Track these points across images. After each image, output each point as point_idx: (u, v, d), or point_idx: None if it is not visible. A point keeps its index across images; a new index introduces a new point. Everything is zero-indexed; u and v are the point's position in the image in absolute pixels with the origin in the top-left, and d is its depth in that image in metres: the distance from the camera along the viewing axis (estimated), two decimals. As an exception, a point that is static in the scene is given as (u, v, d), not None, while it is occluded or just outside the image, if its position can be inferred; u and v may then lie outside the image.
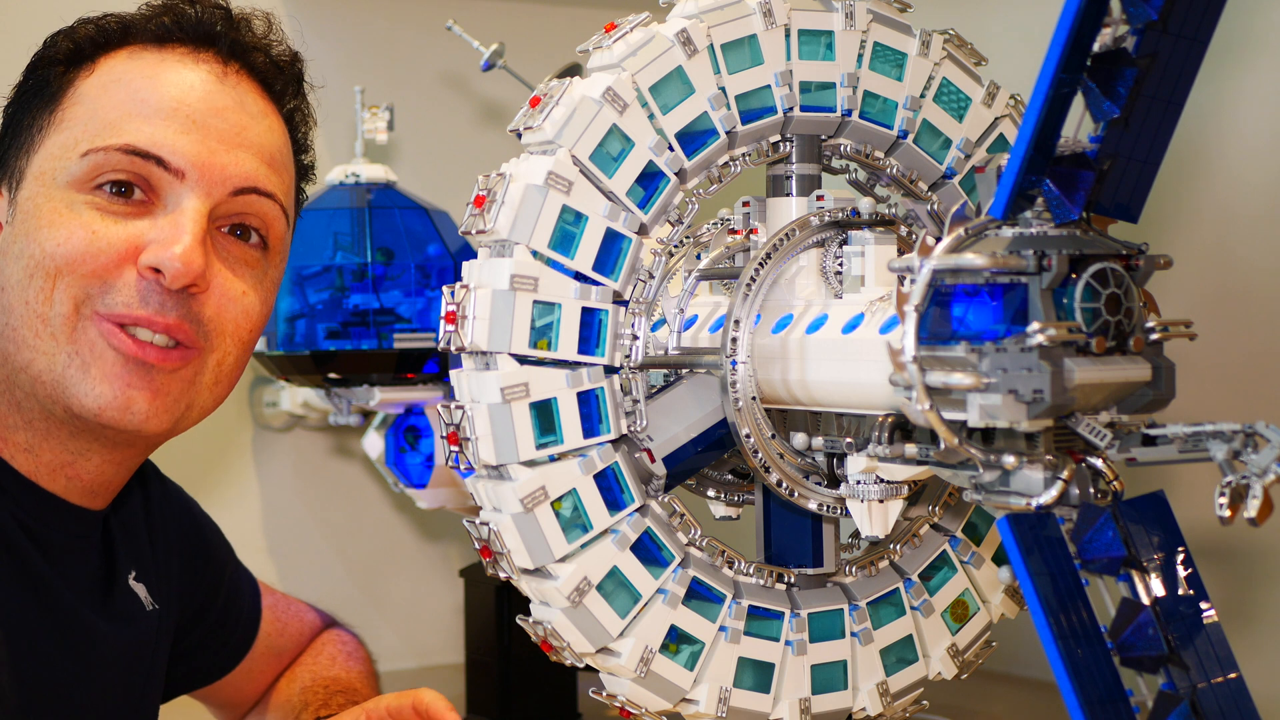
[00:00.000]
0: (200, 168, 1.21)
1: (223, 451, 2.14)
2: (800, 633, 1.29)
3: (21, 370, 1.19)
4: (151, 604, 1.34)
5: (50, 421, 1.21)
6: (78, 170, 1.19)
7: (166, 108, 1.21)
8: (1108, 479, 1.06)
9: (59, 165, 1.20)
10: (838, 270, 1.28)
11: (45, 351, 1.18)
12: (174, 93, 1.22)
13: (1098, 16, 0.97)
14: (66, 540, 1.25)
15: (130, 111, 1.21)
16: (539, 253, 1.21)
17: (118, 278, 1.19)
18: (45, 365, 1.18)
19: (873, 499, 1.22)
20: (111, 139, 1.19)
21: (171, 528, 1.42)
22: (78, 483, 1.24)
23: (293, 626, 1.60)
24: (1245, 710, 1.01)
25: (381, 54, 2.23)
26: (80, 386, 1.18)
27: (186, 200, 1.20)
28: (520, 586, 1.25)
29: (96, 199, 1.19)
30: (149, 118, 1.20)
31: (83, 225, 1.18)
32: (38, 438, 1.22)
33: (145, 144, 1.20)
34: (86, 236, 1.18)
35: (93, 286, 1.18)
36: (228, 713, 1.60)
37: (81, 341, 1.18)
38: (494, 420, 1.19)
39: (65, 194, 1.19)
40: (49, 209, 1.19)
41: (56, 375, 1.18)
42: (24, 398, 1.21)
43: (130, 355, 1.18)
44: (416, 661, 2.22)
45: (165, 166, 1.20)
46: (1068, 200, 1.02)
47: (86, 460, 1.23)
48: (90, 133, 1.20)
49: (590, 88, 1.22)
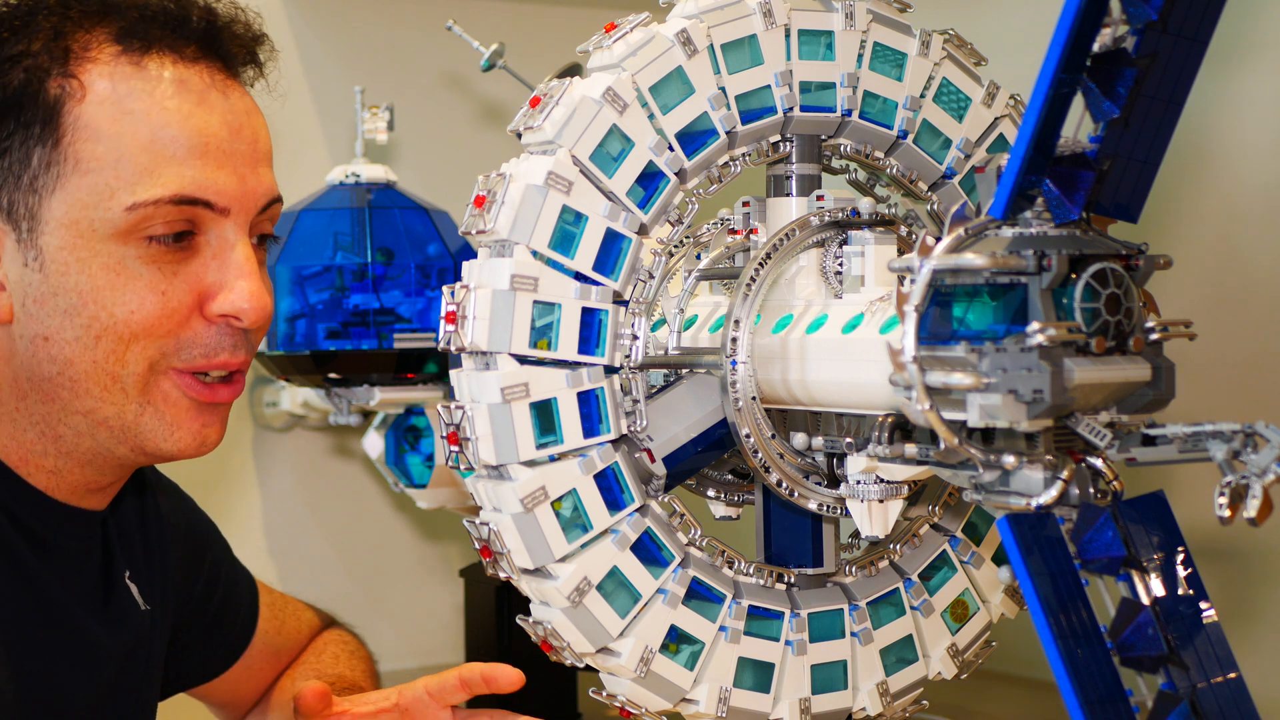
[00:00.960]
0: (239, 199, 1.20)
1: (223, 451, 2.13)
2: (800, 633, 1.29)
3: (81, 414, 1.19)
4: (145, 603, 1.34)
5: (100, 455, 1.22)
6: (122, 223, 1.16)
7: (198, 144, 1.18)
8: (1107, 479, 1.06)
9: (96, 215, 1.17)
10: (838, 270, 1.28)
11: (114, 403, 1.19)
12: (200, 125, 1.19)
13: (1098, 16, 0.97)
14: (70, 543, 1.25)
15: (164, 154, 1.17)
16: (539, 253, 1.21)
17: (188, 330, 1.19)
18: (114, 413, 1.19)
19: (873, 499, 1.22)
20: (157, 190, 1.16)
21: (167, 526, 1.42)
22: (90, 494, 1.25)
23: (291, 625, 1.60)
24: (1245, 710, 1.01)
25: (381, 54, 2.23)
26: (158, 433, 1.20)
27: (232, 234, 1.20)
28: (520, 586, 1.25)
29: (148, 250, 1.17)
30: (184, 159, 1.18)
31: (150, 288, 1.17)
32: (72, 465, 1.22)
33: (192, 190, 1.17)
34: (158, 300, 1.17)
35: (168, 345, 1.18)
36: (228, 712, 1.60)
37: (155, 394, 1.19)
38: (494, 420, 1.19)
39: (112, 248, 1.17)
40: (100, 267, 1.17)
41: (128, 423, 1.19)
42: (71, 434, 1.20)
43: (205, 401, 1.21)
44: (416, 661, 2.22)
45: (212, 207, 1.19)
46: (1068, 200, 1.02)
47: (108, 477, 1.25)
48: (125, 179, 1.16)
49: (590, 88, 1.22)
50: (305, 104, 2.18)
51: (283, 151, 1.36)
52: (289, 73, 2.17)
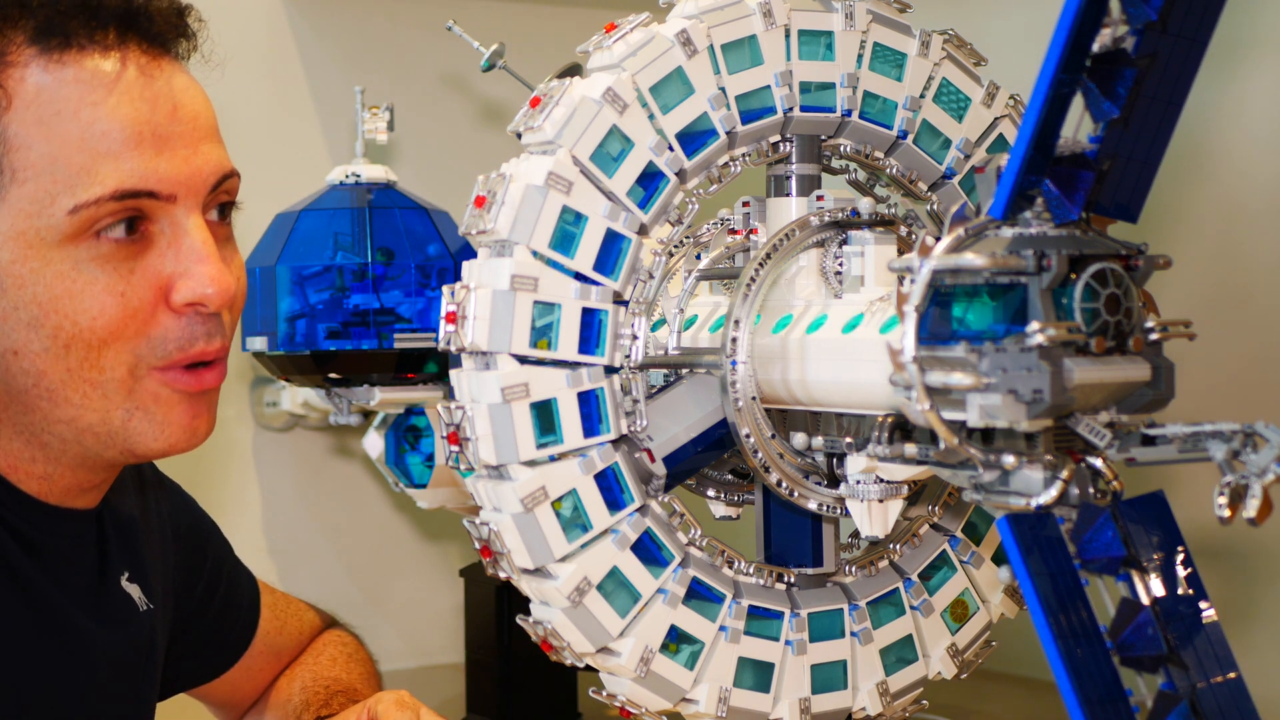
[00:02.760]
0: (184, 183, 1.17)
1: (223, 451, 2.14)
2: (800, 632, 1.29)
3: (64, 423, 1.17)
4: (145, 604, 1.34)
5: (88, 459, 1.20)
6: (68, 227, 1.13)
7: (132, 135, 1.15)
8: (1107, 479, 1.06)
9: (41, 224, 1.14)
10: (838, 270, 1.28)
11: (96, 409, 1.16)
12: (129, 114, 1.15)
13: (1097, 17, 0.97)
14: (62, 543, 1.24)
15: (97, 150, 1.14)
16: (539, 253, 1.21)
17: (157, 325, 1.16)
18: (98, 419, 1.17)
19: (872, 499, 1.22)
20: (96, 189, 1.13)
21: (167, 525, 1.42)
22: (78, 490, 1.25)
23: (292, 625, 1.60)
24: (1245, 710, 1.01)
25: (381, 54, 2.23)
26: (149, 433, 1.18)
27: (185, 220, 1.17)
28: (520, 586, 1.25)
29: (99, 249, 1.14)
30: (120, 152, 1.14)
31: (108, 291, 1.14)
32: (63, 469, 1.21)
33: (134, 183, 1.14)
34: (118, 302, 1.14)
35: (140, 346, 1.16)
36: (227, 712, 1.60)
37: (142, 395, 1.17)
38: (494, 420, 1.19)
39: (64, 254, 1.14)
40: (54, 275, 1.14)
41: (114, 428, 1.17)
42: (57, 441, 1.19)
43: (194, 391, 1.19)
44: (416, 661, 2.22)
45: (157, 196, 1.15)
46: (1067, 200, 1.02)
47: (100, 477, 1.24)
48: (63, 183, 1.13)
49: (590, 88, 1.23)
50: (305, 104, 2.18)
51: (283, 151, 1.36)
52: (289, 73, 2.18)
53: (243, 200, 1.28)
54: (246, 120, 2.01)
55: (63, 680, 1.23)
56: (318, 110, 2.19)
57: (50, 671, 1.22)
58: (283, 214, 1.92)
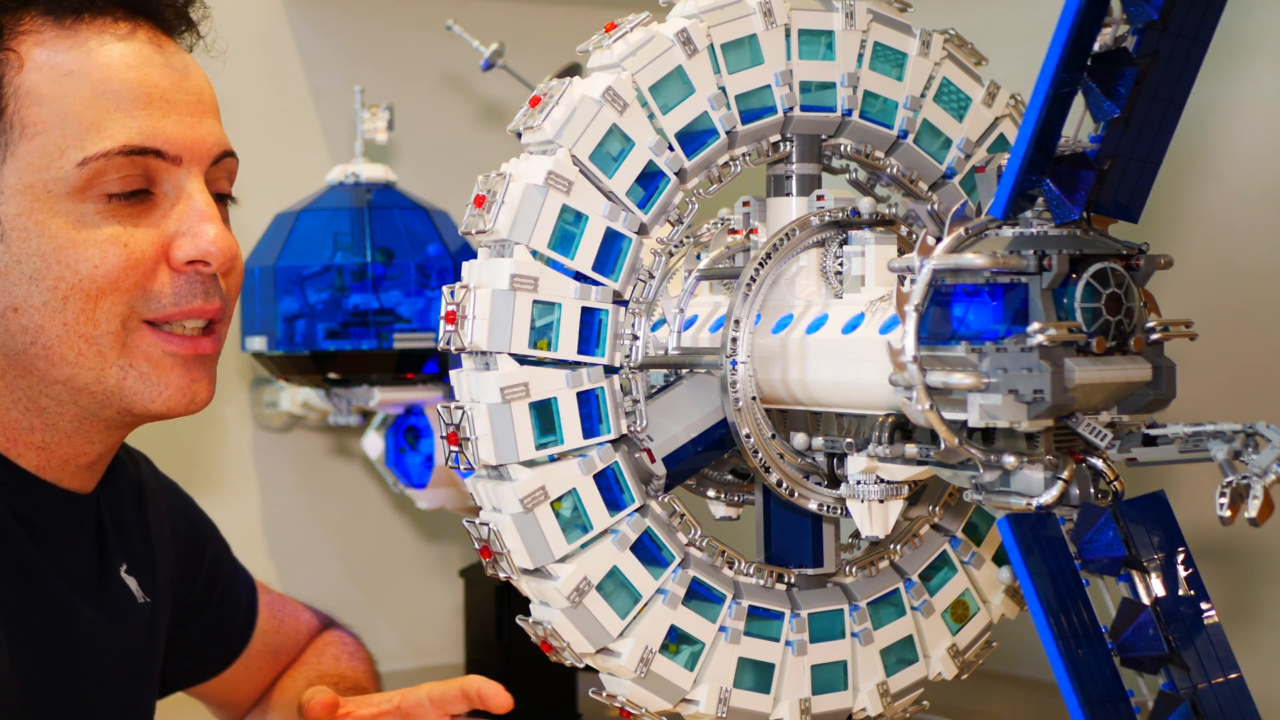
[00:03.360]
0: (189, 147, 1.21)
1: (222, 452, 2.14)
2: (800, 633, 1.29)
3: (59, 383, 1.19)
4: (143, 597, 1.34)
5: (85, 420, 1.21)
6: (75, 179, 1.17)
7: (141, 95, 1.19)
8: (1108, 479, 1.06)
9: (50, 176, 1.17)
10: (838, 270, 1.28)
11: (91, 366, 1.18)
12: (140, 76, 1.20)
13: (1098, 16, 0.97)
14: (61, 527, 1.25)
15: (107, 107, 1.18)
16: (539, 253, 1.21)
17: (154, 281, 1.19)
18: (94, 378, 1.19)
19: (873, 499, 1.21)
20: (106, 143, 1.17)
21: (165, 522, 1.42)
22: (73, 465, 1.25)
23: (289, 625, 1.60)
24: (1246, 711, 1.01)
25: (381, 54, 2.23)
26: (145, 394, 1.20)
27: (188, 183, 1.21)
28: (520, 587, 1.25)
29: (109, 207, 1.18)
30: (129, 111, 1.19)
31: (112, 240, 1.17)
32: (59, 436, 1.22)
33: (141, 140, 1.18)
34: (120, 252, 1.17)
35: (136, 298, 1.18)
36: (227, 712, 1.60)
37: (135, 353, 1.19)
38: (494, 420, 1.19)
39: (71, 206, 1.17)
40: (59, 226, 1.17)
41: (110, 386, 1.19)
42: (53, 404, 1.20)
43: (188, 355, 1.20)
44: (416, 661, 2.22)
45: (163, 156, 1.19)
46: (1068, 200, 1.02)
47: (97, 447, 1.25)
48: (73, 137, 1.17)
49: (590, 87, 1.22)
50: (305, 104, 2.18)
51: (282, 151, 1.36)
52: (289, 73, 2.18)
53: (240, 197, 1.29)
54: (246, 119, 2.01)
55: (66, 667, 1.23)
56: (317, 110, 2.19)
57: (54, 657, 1.22)
58: (282, 214, 1.92)
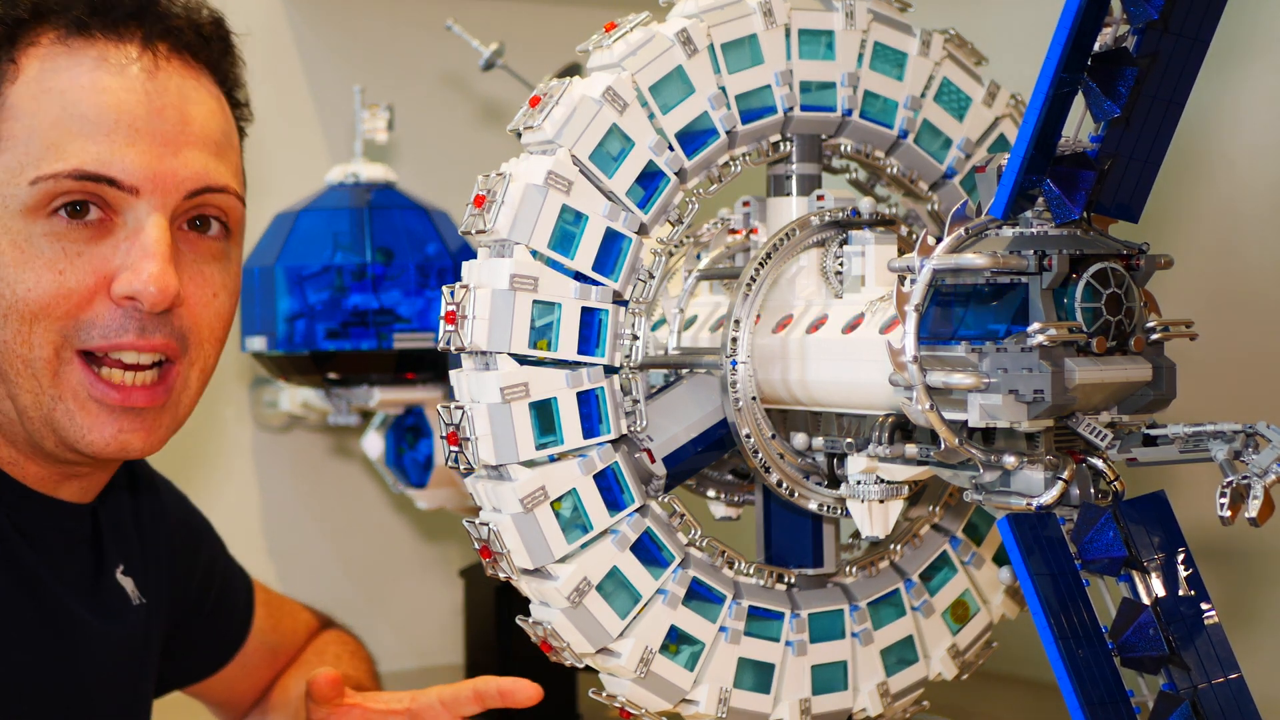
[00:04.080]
0: (152, 179, 1.17)
1: (222, 452, 2.14)
2: (800, 633, 1.29)
3: (8, 400, 1.18)
4: (139, 598, 1.34)
5: (37, 449, 1.20)
6: (28, 199, 1.15)
7: (108, 121, 1.16)
8: (1108, 479, 1.06)
9: (9, 192, 1.16)
10: (838, 270, 1.28)
11: (30, 390, 1.17)
12: (111, 101, 1.17)
13: (1098, 16, 0.97)
14: (54, 534, 1.25)
15: (71, 129, 1.16)
16: (539, 252, 1.21)
17: (90, 311, 1.16)
18: (31, 402, 1.17)
19: (873, 499, 1.21)
20: (58, 164, 1.15)
21: (161, 522, 1.42)
22: (66, 483, 1.25)
23: (288, 624, 1.60)
24: (1246, 711, 1.01)
25: (381, 54, 2.23)
26: (72, 430, 1.17)
27: (146, 216, 1.17)
28: (520, 587, 1.25)
29: (54, 226, 1.16)
30: (92, 135, 1.16)
31: (48, 265, 1.15)
32: (23, 455, 1.21)
33: (94, 166, 1.15)
34: (54, 278, 1.15)
35: (69, 328, 1.16)
36: (226, 711, 1.60)
37: (65, 386, 1.17)
38: (494, 420, 1.19)
39: (22, 225, 1.16)
40: (8, 244, 1.16)
41: (44, 414, 1.17)
42: (8, 423, 1.19)
43: (115, 405, 1.17)
44: (416, 661, 2.21)
45: (118, 185, 1.16)
46: (1068, 200, 1.02)
47: (74, 470, 1.24)
48: (34, 155, 1.16)
49: (590, 87, 1.22)
50: (305, 104, 2.18)
51: (282, 151, 1.36)
52: (289, 73, 2.18)
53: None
54: (246, 120, 2.01)
55: (60, 669, 1.23)
56: (317, 110, 2.19)
57: (48, 660, 1.22)
58: (282, 214, 1.92)
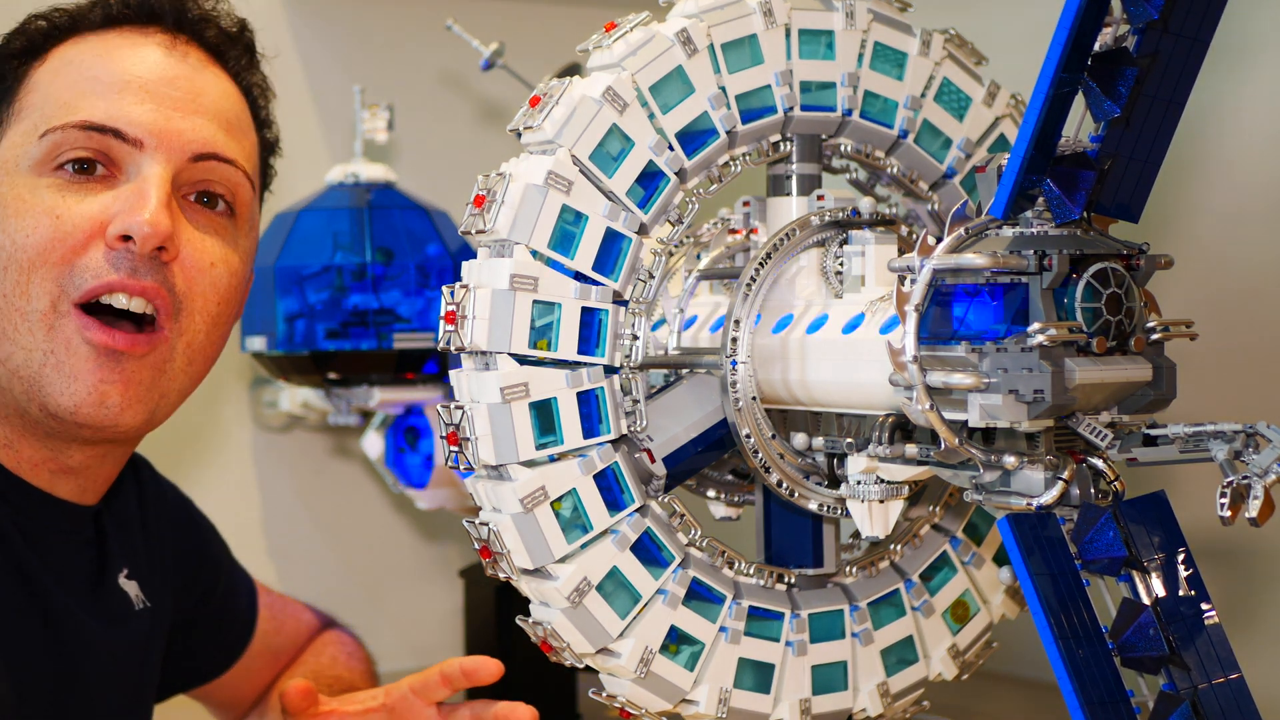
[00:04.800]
0: (158, 135, 1.21)
1: (222, 452, 2.14)
2: (800, 633, 1.29)
3: (2, 362, 1.19)
4: (143, 602, 1.33)
5: (25, 420, 1.20)
6: (37, 153, 1.20)
7: (119, 81, 1.22)
8: (1108, 479, 1.06)
9: (20, 152, 1.20)
10: (838, 270, 1.28)
11: (24, 346, 1.18)
12: (125, 66, 1.23)
13: (1098, 16, 0.97)
14: (56, 537, 1.24)
15: (84, 90, 1.21)
16: (539, 252, 1.21)
17: (84, 256, 1.18)
18: (23, 360, 1.18)
19: (873, 499, 1.21)
20: (68, 117, 1.20)
21: (166, 526, 1.42)
22: (63, 476, 1.24)
23: (290, 626, 1.60)
24: (1247, 711, 1.01)
25: (381, 54, 2.23)
26: (55, 385, 1.17)
27: (148, 167, 1.20)
28: (520, 587, 1.25)
29: (57, 179, 1.19)
30: (103, 94, 1.21)
31: (45, 210, 1.18)
32: (15, 433, 1.22)
33: (101, 118, 1.20)
34: (51, 222, 1.18)
35: (64, 276, 1.18)
36: (226, 712, 1.60)
37: (58, 339, 1.17)
38: (494, 420, 1.19)
39: (28, 179, 1.19)
40: (13, 197, 1.19)
41: (33, 371, 1.18)
42: (2, 393, 1.20)
43: (101, 345, 1.17)
44: (416, 662, 2.21)
45: (123, 138, 1.20)
46: (1068, 200, 1.02)
47: (67, 456, 1.23)
48: (46, 115, 1.21)
49: (590, 87, 1.22)
50: (305, 104, 2.18)
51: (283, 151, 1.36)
52: (289, 73, 2.18)
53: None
54: (246, 120, 2.01)
55: (61, 674, 1.23)
56: (317, 110, 2.19)
57: (49, 664, 1.22)
58: (282, 214, 1.92)
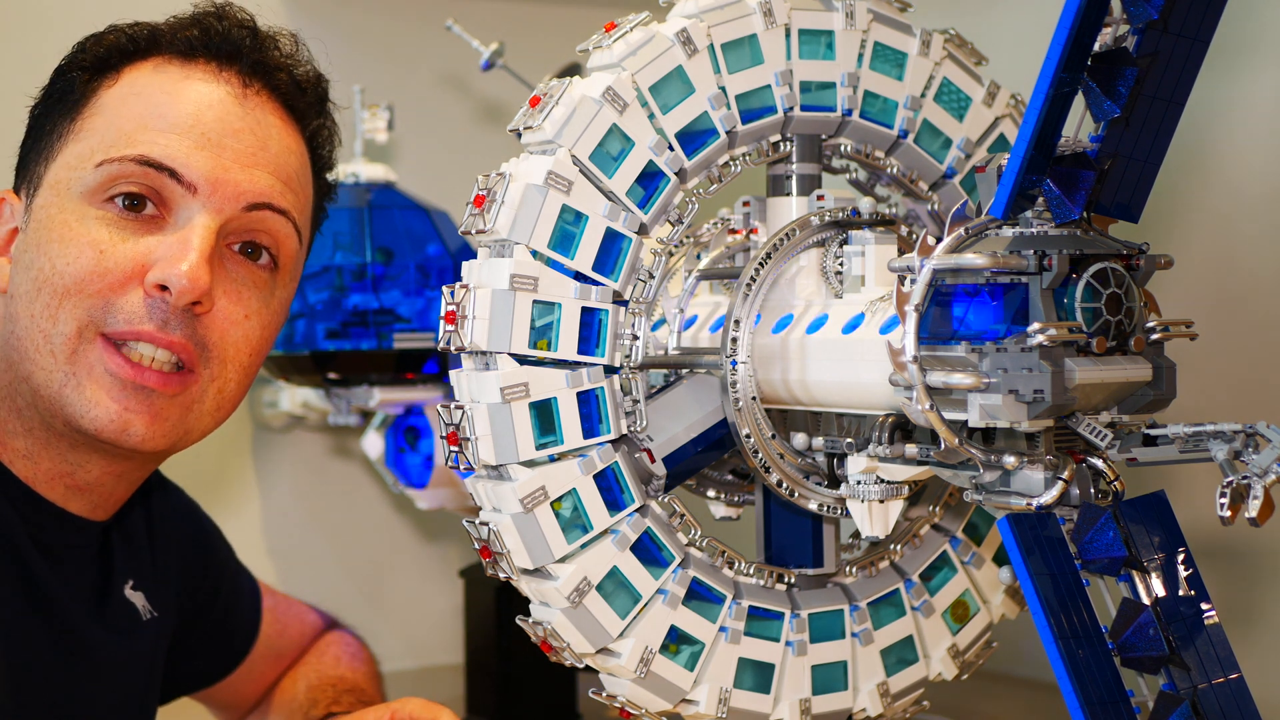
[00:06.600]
0: (213, 183, 1.20)
1: (222, 452, 2.14)
2: (800, 633, 1.29)
3: (23, 380, 1.19)
4: (150, 612, 1.33)
5: (50, 432, 1.20)
6: (92, 181, 1.19)
7: (184, 123, 1.20)
8: (1108, 479, 1.06)
9: (74, 175, 1.19)
10: (838, 270, 1.28)
11: (44, 367, 1.17)
12: (191, 109, 1.21)
13: (1098, 16, 0.97)
14: (66, 550, 1.24)
15: (146, 124, 1.20)
16: (539, 252, 1.21)
17: (122, 296, 1.17)
18: (44, 380, 1.18)
19: (873, 499, 1.21)
20: (126, 149, 1.19)
21: (172, 531, 1.42)
22: (77, 493, 1.24)
23: (293, 628, 1.60)
24: (1246, 711, 1.01)
25: (381, 54, 2.23)
26: (77, 405, 1.17)
27: (197, 216, 1.19)
28: (520, 587, 1.25)
29: (107, 212, 1.18)
30: (164, 131, 1.20)
31: (91, 243, 1.17)
32: (37, 445, 1.21)
33: (159, 156, 1.19)
34: (94, 256, 1.17)
35: (97, 309, 1.17)
36: (228, 714, 1.60)
37: (80, 364, 1.17)
38: (494, 420, 1.19)
39: (78, 206, 1.18)
40: (60, 221, 1.18)
41: (54, 391, 1.17)
42: (25, 406, 1.20)
43: (126, 379, 1.17)
44: (416, 662, 2.21)
45: (178, 179, 1.19)
46: (1068, 200, 1.02)
47: (85, 471, 1.23)
48: (106, 143, 1.19)
49: (590, 87, 1.22)
50: (305, 104, 2.18)
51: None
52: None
53: None
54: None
55: (65, 684, 1.23)
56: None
57: (54, 674, 1.22)
58: (282, 213, 1.92)
